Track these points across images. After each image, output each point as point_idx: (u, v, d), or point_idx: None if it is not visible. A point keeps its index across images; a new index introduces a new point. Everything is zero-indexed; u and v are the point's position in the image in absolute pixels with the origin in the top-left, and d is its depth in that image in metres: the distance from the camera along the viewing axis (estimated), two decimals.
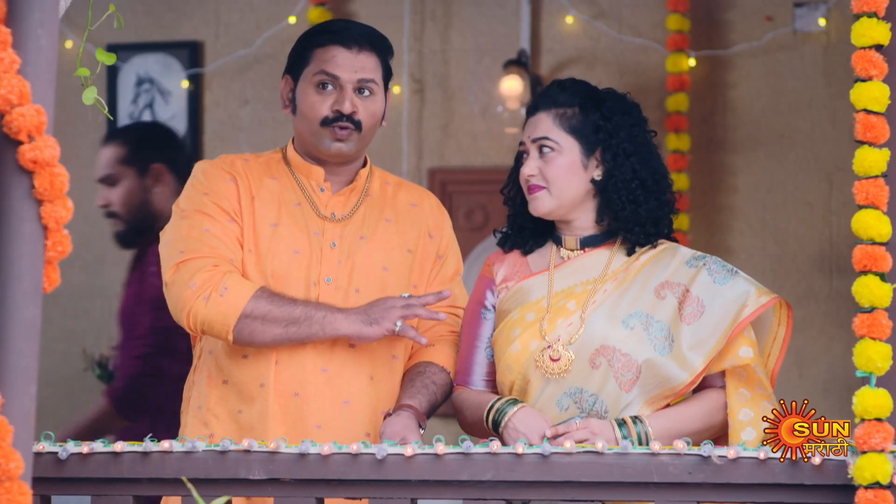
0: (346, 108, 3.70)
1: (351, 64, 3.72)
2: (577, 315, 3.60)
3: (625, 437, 3.43)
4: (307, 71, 3.76)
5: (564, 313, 3.61)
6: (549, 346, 3.58)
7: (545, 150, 3.64)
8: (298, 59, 3.80)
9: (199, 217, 3.70)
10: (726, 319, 3.53)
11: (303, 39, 3.83)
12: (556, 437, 3.41)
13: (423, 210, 3.87)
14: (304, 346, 3.66)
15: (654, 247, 3.67)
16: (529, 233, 3.75)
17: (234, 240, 3.71)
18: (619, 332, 3.56)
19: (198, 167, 3.81)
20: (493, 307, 3.73)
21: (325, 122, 3.73)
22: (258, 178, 3.78)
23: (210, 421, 3.71)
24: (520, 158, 3.73)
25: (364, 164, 3.86)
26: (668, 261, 3.64)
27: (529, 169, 3.65)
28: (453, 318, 3.83)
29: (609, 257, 3.66)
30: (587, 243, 3.68)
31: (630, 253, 3.66)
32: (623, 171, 3.63)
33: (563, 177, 3.63)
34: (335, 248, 3.74)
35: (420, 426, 3.58)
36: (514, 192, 3.77)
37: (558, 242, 3.72)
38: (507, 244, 3.78)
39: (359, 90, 3.73)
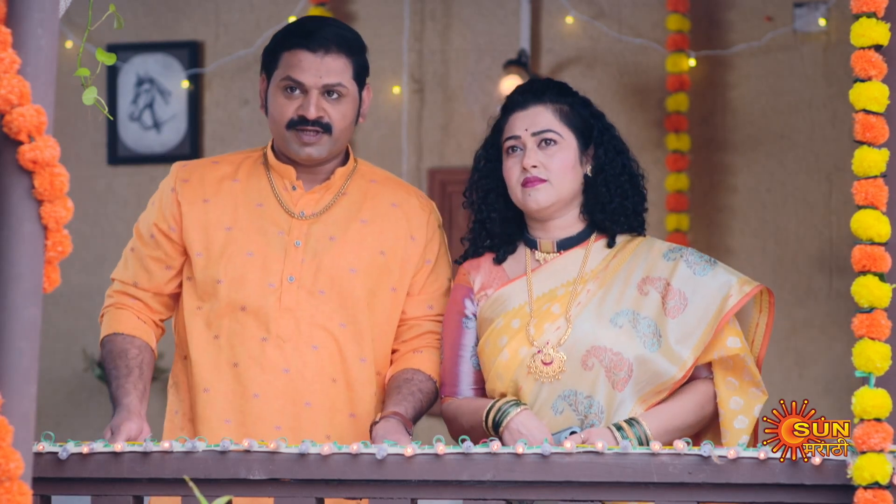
0: (311, 114, 3.68)
1: (316, 69, 3.69)
2: (562, 318, 3.59)
3: (624, 439, 3.43)
4: (276, 74, 3.74)
5: (550, 317, 3.60)
6: (539, 351, 3.57)
7: (548, 143, 3.64)
8: (270, 59, 3.78)
9: (135, 233, 3.85)
10: (710, 311, 3.54)
11: (275, 39, 3.80)
12: None
13: (404, 211, 3.81)
14: (265, 346, 3.66)
15: (630, 242, 3.68)
16: (499, 239, 3.73)
17: (154, 260, 3.78)
18: (609, 332, 3.56)
19: None
20: (474, 315, 3.71)
21: (290, 125, 3.70)
22: (215, 182, 3.79)
23: (185, 426, 3.75)
24: (485, 161, 3.72)
25: (345, 162, 3.83)
26: (646, 255, 3.65)
27: (532, 160, 3.63)
28: (439, 324, 3.79)
29: (584, 256, 3.67)
30: (563, 245, 3.68)
31: (610, 245, 3.67)
32: (614, 166, 3.67)
33: (566, 170, 3.63)
34: (299, 246, 3.72)
35: (408, 432, 3.57)
36: (484, 192, 3.73)
37: (532, 246, 3.71)
38: (478, 252, 3.75)
39: (326, 93, 3.70)
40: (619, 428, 3.46)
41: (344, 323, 3.70)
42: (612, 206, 3.66)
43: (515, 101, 3.70)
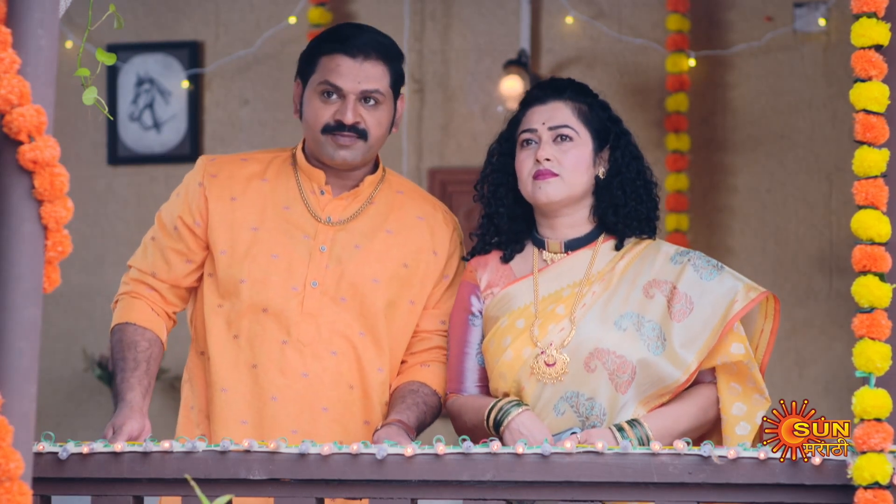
0: (348, 119, 3.67)
1: (355, 74, 3.69)
2: (566, 319, 3.59)
3: (625, 439, 3.43)
4: (313, 79, 3.72)
5: (555, 318, 3.60)
6: (542, 352, 3.56)
7: (564, 138, 3.64)
8: (307, 64, 3.77)
9: (157, 223, 3.82)
10: (716, 315, 3.53)
11: (312, 44, 3.79)
12: None
13: (429, 225, 3.81)
14: (285, 349, 3.66)
15: (637, 244, 3.68)
16: (506, 235, 3.73)
17: (175, 252, 3.76)
18: (613, 335, 3.55)
19: None
20: (480, 313, 3.71)
21: (326, 130, 3.69)
22: (244, 181, 3.77)
23: (202, 422, 3.74)
24: (498, 155, 3.72)
25: (375, 170, 3.82)
26: (653, 258, 3.64)
27: (546, 153, 3.63)
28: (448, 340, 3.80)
29: (592, 257, 3.66)
30: (571, 246, 3.68)
31: (617, 248, 3.66)
32: (630, 171, 3.68)
33: (579, 167, 3.63)
34: (324, 252, 3.71)
35: (410, 439, 3.55)
36: (494, 186, 3.73)
37: (540, 245, 3.70)
38: (486, 248, 3.75)
39: (364, 100, 3.70)
40: (620, 429, 3.46)
41: (363, 331, 3.70)
42: (627, 210, 3.66)
43: (535, 96, 3.71)
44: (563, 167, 3.62)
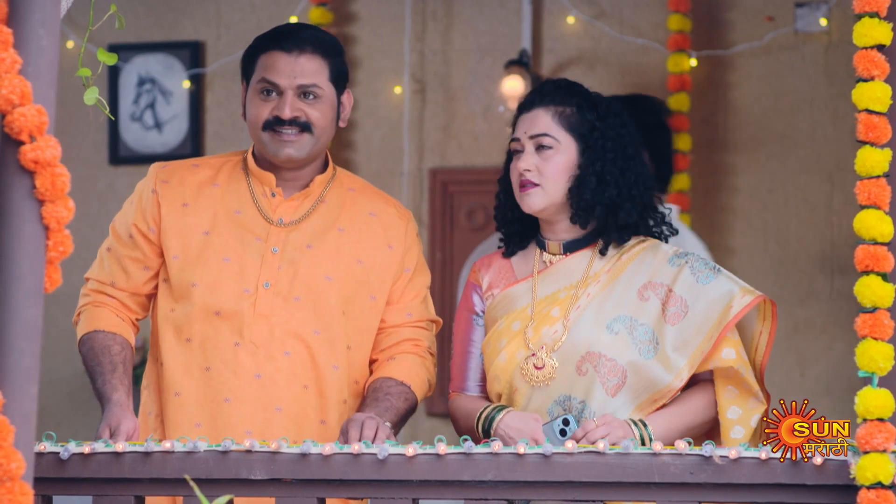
0: (286, 114, 3.67)
1: (290, 69, 3.68)
2: (560, 322, 3.58)
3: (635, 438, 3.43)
4: (253, 78, 3.74)
5: (549, 321, 3.59)
6: (533, 355, 3.57)
7: (544, 147, 3.63)
8: (248, 64, 3.78)
9: (111, 233, 3.85)
10: (711, 320, 3.51)
11: (252, 44, 3.80)
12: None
13: (382, 220, 3.81)
14: (238, 351, 3.65)
15: (636, 245, 3.65)
16: (515, 235, 3.73)
17: (132, 260, 3.78)
18: (605, 338, 3.54)
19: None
20: (483, 312, 3.72)
21: (266, 126, 3.69)
22: (196, 187, 3.78)
23: (158, 428, 3.73)
24: (511, 157, 3.72)
25: (324, 169, 3.82)
26: (650, 259, 3.62)
27: (525, 164, 3.62)
28: (417, 330, 3.79)
29: (590, 259, 3.65)
30: (570, 247, 3.67)
31: (602, 251, 3.63)
32: (604, 161, 3.60)
33: (560, 175, 3.61)
34: (276, 253, 3.71)
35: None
36: (500, 189, 3.74)
37: (542, 247, 3.70)
38: (511, 250, 3.75)
39: (302, 95, 3.69)
40: (634, 424, 3.46)
41: (318, 330, 3.69)
42: (605, 200, 3.59)
43: (523, 103, 3.71)
44: (545, 176, 3.61)
